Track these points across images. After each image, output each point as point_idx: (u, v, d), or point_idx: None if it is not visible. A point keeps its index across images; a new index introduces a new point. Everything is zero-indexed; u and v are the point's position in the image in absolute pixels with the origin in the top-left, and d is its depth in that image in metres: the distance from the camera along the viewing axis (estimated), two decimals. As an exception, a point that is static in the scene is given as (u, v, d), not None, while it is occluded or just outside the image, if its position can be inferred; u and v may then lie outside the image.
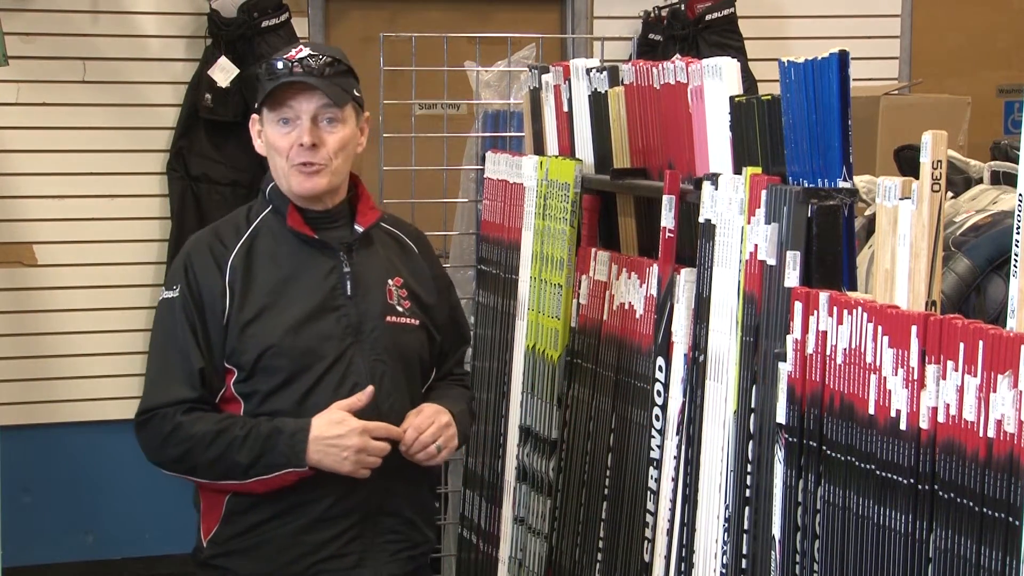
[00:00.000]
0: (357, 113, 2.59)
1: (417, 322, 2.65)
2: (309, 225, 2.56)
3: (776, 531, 2.29)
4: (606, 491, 3.02)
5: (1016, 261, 1.88)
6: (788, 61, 2.39)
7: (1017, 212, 1.88)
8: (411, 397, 2.63)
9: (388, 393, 2.57)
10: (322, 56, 2.52)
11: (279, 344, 2.50)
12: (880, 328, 2.02)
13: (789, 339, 2.25)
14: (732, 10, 5.31)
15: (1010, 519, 1.78)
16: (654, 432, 2.76)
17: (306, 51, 2.52)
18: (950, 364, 1.88)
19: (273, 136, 2.52)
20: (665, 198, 2.80)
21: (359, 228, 2.60)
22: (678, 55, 2.94)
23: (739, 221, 2.45)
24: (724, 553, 2.48)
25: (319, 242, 2.56)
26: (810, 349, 2.20)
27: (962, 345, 1.86)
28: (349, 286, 2.56)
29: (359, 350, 2.55)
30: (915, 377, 1.95)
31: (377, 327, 2.57)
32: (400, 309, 2.61)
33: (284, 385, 2.51)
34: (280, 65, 2.50)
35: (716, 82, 2.65)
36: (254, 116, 2.57)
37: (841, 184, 2.30)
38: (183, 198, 5.12)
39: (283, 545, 2.54)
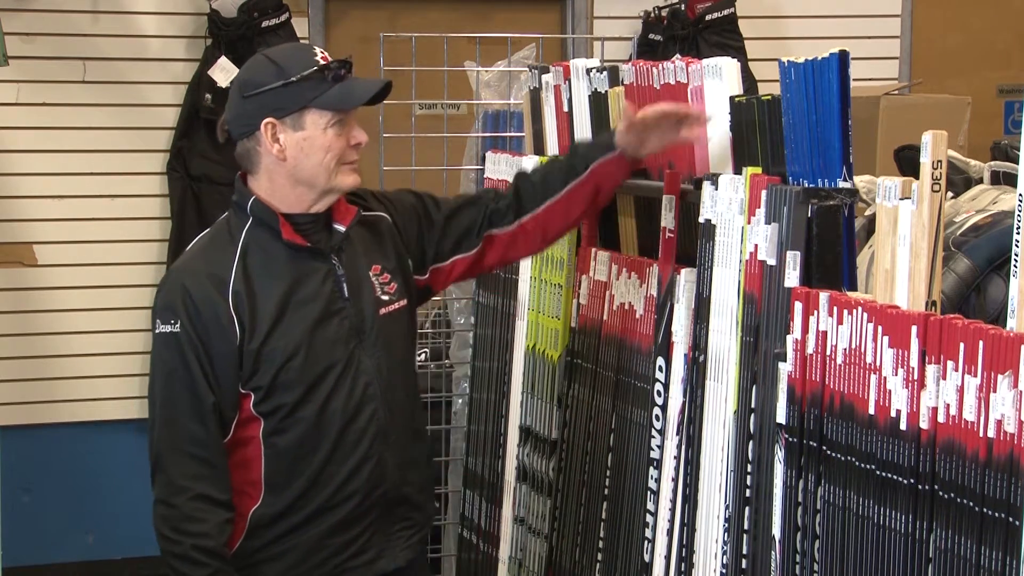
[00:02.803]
0: None
1: (404, 302, 2.66)
2: (300, 234, 2.55)
3: (776, 531, 2.29)
4: (606, 491, 3.02)
5: (1016, 261, 1.89)
6: (788, 61, 2.39)
7: (1017, 212, 1.88)
8: (406, 377, 2.67)
9: (393, 386, 2.59)
10: (346, 56, 2.58)
11: (294, 359, 2.49)
12: (880, 328, 2.02)
13: (789, 339, 2.25)
14: (732, 10, 5.32)
15: (1010, 519, 1.78)
16: (654, 432, 2.76)
17: (326, 52, 2.55)
18: (950, 364, 1.88)
19: (327, 137, 2.50)
20: (665, 198, 2.80)
21: (340, 228, 2.60)
22: (678, 55, 2.94)
23: (739, 221, 2.45)
24: (724, 553, 2.48)
25: (311, 249, 2.56)
26: (810, 349, 2.20)
27: (962, 345, 1.86)
28: (346, 288, 2.57)
29: (363, 349, 2.56)
30: (915, 377, 1.95)
31: (375, 323, 2.58)
32: (386, 298, 2.62)
33: (303, 398, 2.50)
34: (337, 67, 2.51)
35: (716, 82, 2.65)
36: (270, 121, 2.50)
37: (841, 184, 2.30)
38: (183, 198, 5.13)
39: (309, 550, 2.56)
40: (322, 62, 2.50)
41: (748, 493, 2.39)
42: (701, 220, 2.58)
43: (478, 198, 2.83)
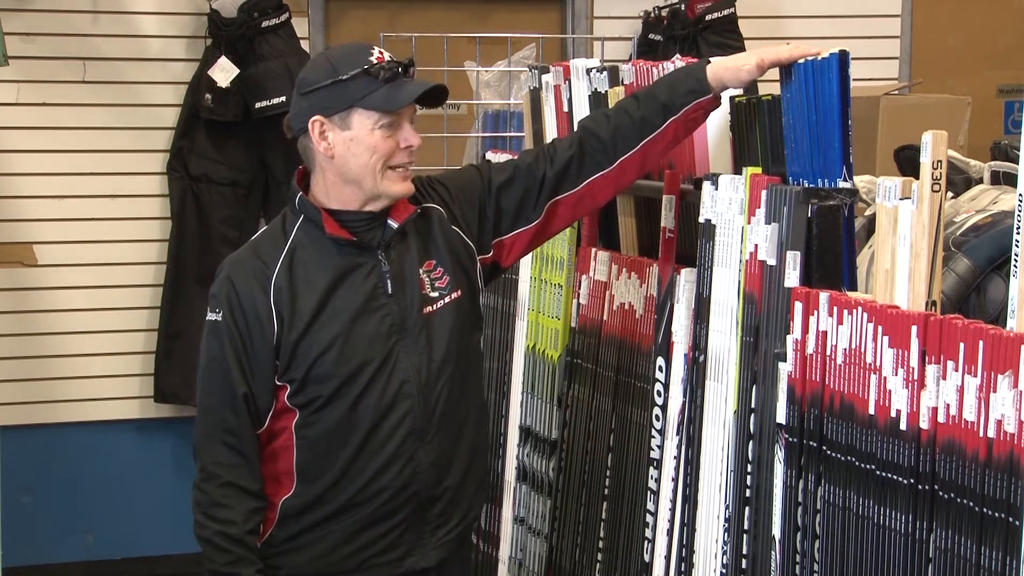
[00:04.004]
0: None
1: (458, 293, 2.63)
2: (347, 229, 2.56)
3: (776, 531, 2.29)
4: (606, 491, 3.02)
5: (1016, 261, 1.89)
6: (788, 61, 2.40)
7: (1017, 212, 1.88)
8: (456, 373, 2.61)
9: (434, 385, 2.56)
10: (406, 59, 2.55)
11: (328, 352, 2.50)
12: (880, 328, 2.02)
13: (789, 339, 2.25)
14: (732, 10, 5.32)
15: (1010, 519, 1.78)
16: (654, 432, 2.76)
17: (387, 53, 2.53)
18: (950, 364, 1.88)
19: (374, 138, 2.50)
20: (665, 198, 2.80)
21: (394, 224, 2.58)
22: (678, 55, 2.94)
23: (739, 221, 2.46)
24: (724, 553, 2.48)
25: (358, 244, 2.56)
26: (810, 349, 2.20)
27: (962, 345, 1.86)
28: (390, 285, 2.56)
29: (403, 348, 2.55)
30: (915, 377, 1.95)
31: (418, 321, 2.57)
32: (435, 295, 2.60)
33: (336, 392, 2.52)
34: (388, 67, 2.49)
35: (716, 82, 2.65)
36: (318, 119, 2.51)
37: (841, 184, 2.30)
38: (183, 198, 5.13)
39: (337, 543, 2.57)
40: (375, 62, 2.50)
41: (748, 493, 2.39)
42: (701, 220, 2.58)
43: (532, 166, 2.70)
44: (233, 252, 2.64)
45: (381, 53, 2.53)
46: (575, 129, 2.75)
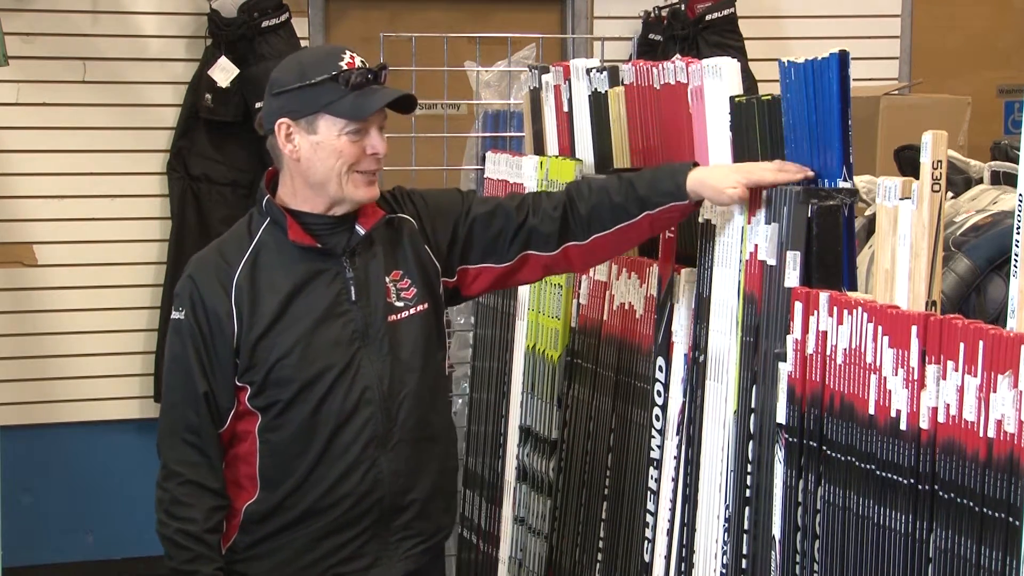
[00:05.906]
0: None
1: (424, 306, 2.62)
2: (311, 234, 2.55)
3: (776, 531, 2.29)
4: (606, 491, 3.02)
5: (1016, 261, 1.89)
6: (788, 61, 2.40)
7: (1017, 212, 1.88)
8: (420, 384, 2.60)
9: (397, 393, 2.56)
10: (376, 65, 2.54)
11: (289, 356, 2.50)
12: (880, 328, 2.02)
13: (789, 339, 2.25)
14: (732, 10, 5.32)
15: (1010, 519, 1.78)
16: (654, 432, 2.76)
17: (358, 58, 2.52)
18: (950, 364, 1.88)
19: (341, 143, 2.50)
20: (665, 198, 2.79)
21: (361, 230, 2.59)
22: (678, 55, 2.93)
23: (739, 221, 2.46)
24: (724, 553, 2.48)
25: (322, 250, 2.56)
26: (810, 349, 2.20)
27: (962, 345, 1.86)
28: (353, 291, 2.56)
29: (367, 354, 2.55)
30: (915, 377, 1.95)
31: (381, 328, 2.57)
32: (400, 304, 2.60)
33: (296, 396, 2.51)
34: (359, 74, 2.48)
35: (716, 82, 2.64)
36: (285, 121, 2.52)
37: (841, 184, 2.30)
38: (183, 198, 5.13)
39: (300, 551, 2.56)
40: (345, 68, 2.49)
41: (748, 493, 2.40)
42: (701, 220, 2.58)
43: (513, 210, 2.68)
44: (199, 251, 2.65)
45: (352, 58, 2.51)
46: (563, 190, 2.72)
